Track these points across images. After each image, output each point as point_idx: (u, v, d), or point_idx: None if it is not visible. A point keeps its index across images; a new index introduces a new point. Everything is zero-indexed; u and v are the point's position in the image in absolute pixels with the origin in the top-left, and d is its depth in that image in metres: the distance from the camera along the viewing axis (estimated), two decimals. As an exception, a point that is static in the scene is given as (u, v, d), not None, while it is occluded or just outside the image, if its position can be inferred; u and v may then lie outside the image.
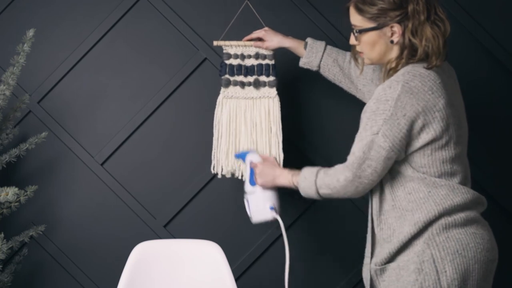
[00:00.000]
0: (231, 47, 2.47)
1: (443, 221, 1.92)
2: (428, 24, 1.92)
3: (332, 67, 2.37)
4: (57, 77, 2.68)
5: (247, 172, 2.34)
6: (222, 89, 2.47)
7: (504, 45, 2.69)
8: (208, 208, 2.69)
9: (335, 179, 2.00)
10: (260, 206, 2.29)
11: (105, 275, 2.68)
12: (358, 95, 2.34)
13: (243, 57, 2.47)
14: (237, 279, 2.63)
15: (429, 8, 1.93)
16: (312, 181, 2.06)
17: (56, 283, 2.70)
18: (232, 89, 2.47)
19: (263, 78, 2.48)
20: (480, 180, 2.63)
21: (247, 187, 2.32)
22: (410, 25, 1.92)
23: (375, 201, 2.03)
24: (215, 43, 2.47)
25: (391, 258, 1.97)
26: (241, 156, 2.39)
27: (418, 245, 1.92)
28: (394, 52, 1.97)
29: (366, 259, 2.07)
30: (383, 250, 1.99)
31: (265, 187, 2.27)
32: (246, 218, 2.68)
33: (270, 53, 2.48)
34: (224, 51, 2.47)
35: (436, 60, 1.91)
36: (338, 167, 2.01)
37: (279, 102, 2.47)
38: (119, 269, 2.35)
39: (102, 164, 2.69)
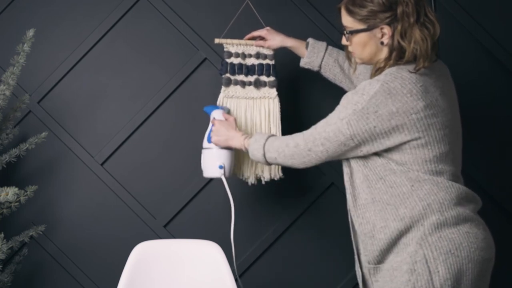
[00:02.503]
0: (232, 45, 2.47)
1: (434, 220, 1.90)
2: (417, 27, 1.93)
3: (333, 67, 2.38)
4: (57, 77, 2.68)
5: (208, 128, 2.37)
6: (223, 88, 2.47)
7: (504, 45, 2.69)
8: (208, 208, 2.69)
9: (284, 143, 2.05)
10: (212, 163, 2.34)
11: (105, 275, 2.68)
12: None
13: (243, 56, 2.47)
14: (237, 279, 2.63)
15: (418, 10, 1.93)
16: (261, 143, 2.11)
17: (56, 283, 2.70)
18: (232, 89, 2.47)
19: (263, 78, 2.48)
20: (479, 180, 2.63)
21: (204, 142, 2.37)
22: (399, 27, 1.93)
23: (349, 196, 2.04)
24: (216, 40, 2.47)
25: (383, 257, 1.97)
26: (208, 110, 2.41)
27: (411, 246, 1.91)
28: (384, 53, 1.98)
29: (355, 256, 2.07)
30: (372, 247, 1.98)
31: (218, 145, 2.31)
32: (246, 218, 2.69)
33: (271, 53, 2.48)
34: (225, 50, 2.47)
35: (423, 63, 1.92)
36: (293, 135, 2.06)
37: (279, 103, 2.47)
38: (119, 269, 2.35)
39: (102, 164, 2.69)
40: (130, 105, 2.69)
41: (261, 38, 2.47)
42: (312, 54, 2.40)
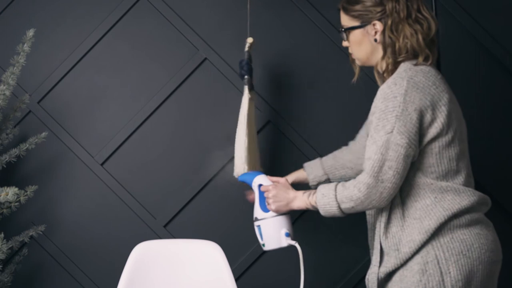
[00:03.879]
0: (249, 46, 2.43)
1: (450, 223, 1.91)
2: (407, 22, 1.95)
3: (334, 162, 2.34)
4: (57, 77, 2.68)
5: (256, 197, 2.22)
6: (248, 91, 2.42)
7: (504, 45, 2.69)
8: (208, 208, 2.69)
9: (356, 189, 1.91)
10: (274, 233, 2.17)
11: (105, 275, 2.68)
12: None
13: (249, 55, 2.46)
14: (237, 279, 2.63)
15: (409, 6, 1.95)
16: (332, 197, 1.96)
17: (56, 283, 2.69)
18: (252, 92, 2.44)
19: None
20: (480, 179, 2.63)
21: (258, 213, 2.20)
22: (389, 22, 1.95)
23: (384, 212, 1.98)
24: (250, 40, 2.41)
25: (400, 265, 1.95)
26: (247, 178, 2.28)
27: (423, 246, 1.91)
28: (379, 52, 2.00)
29: (374, 268, 2.01)
30: (395, 260, 1.95)
31: (279, 212, 2.17)
32: (246, 218, 2.68)
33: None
34: (246, 50, 2.42)
35: (423, 56, 1.94)
36: (357, 177, 1.93)
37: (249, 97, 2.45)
38: (119, 269, 2.34)
39: (102, 164, 2.69)
40: (130, 105, 2.69)
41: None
42: (311, 169, 2.36)
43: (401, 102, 1.87)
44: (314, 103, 2.68)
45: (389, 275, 1.98)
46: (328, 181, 2.36)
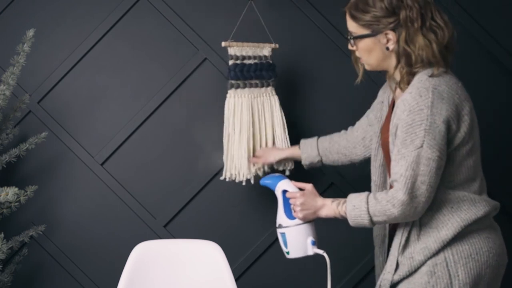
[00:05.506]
0: (236, 48, 2.46)
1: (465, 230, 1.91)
2: (421, 32, 1.88)
3: (329, 145, 2.35)
4: (57, 77, 2.68)
5: (280, 203, 2.15)
6: (232, 90, 2.45)
7: (504, 45, 2.69)
8: (208, 208, 2.69)
9: (390, 204, 1.88)
10: (300, 241, 2.10)
11: (105, 275, 2.68)
12: (366, 154, 2.28)
13: (244, 58, 2.47)
14: (237, 279, 2.63)
15: (424, 14, 1.89)
16: (364, 209, 1.92)
17: (56, 283, 2.70)
18: (240, 91, 2.46)
19: (264, 77, 2.48)
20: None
21: (283, 220, 2.12)
22: (403, 33, 1.88)
23: (404, 229, 1.95)
24: (223, 44, 2.45)
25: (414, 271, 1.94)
26: (270, 183, 2.20)
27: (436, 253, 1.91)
28: (392, 60, 1.94)
29: (387, 275, 1.97)
30: (405, 267, 1.94)
31: (306, 220, 2.10)
32: (246, 218, 2.69)
33: (269, 53, 2.48)
34: (229, 53, 2.46)
35: (438, 66, 1.88)
36: (390, 192, 1.89)
37: (278, 100, 2.49)
38: (119, 269, 2.35)
39: (102, 164, 2.69)
40: (130, 105, 2.69)
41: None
42: (306, 149, 2.37)
43: (428, 115, 1.83)
44: (314, 103, 2.68)
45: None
46: (320, 163, 2.36)
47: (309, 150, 2.37)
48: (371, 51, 1.96)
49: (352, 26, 1.97)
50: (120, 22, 2.68)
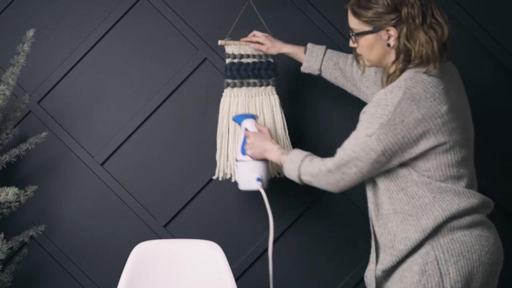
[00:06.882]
0: (234, 46, 2.47)
1: (451, 225, 1.91)
2: (422, 29, 1.90)
3: (333, 70, 2.38)
4: (57, 77, 2.68)
5: (240, 139, 2.34)
6: (228, 89, 2.46)
7: (504, 45, 2.69)
8: (208, 208, 2.69)
9: (317, 168, 2.02)
10: (248, 176, 2.31)
11: (105, 275, 2.68)
12: (362, 97, 2.34)
13: (242, 56, 2.47)
14: (237, 279, 2.64)
15: (424, 12, 1.90)
16: (297, 165, 2.07)
17: (56, 283, 2.70)
18: (236, 90, 2.47)
19: (263, 76, 2.48)
20: (480, 180, 2.62)
21: (238, 154, 2.34)
22: (404, 29, 1.90)
23: (371, 206, 2.02)
24: (219, 42, 2.46)
25: (398, 265, 1.95)
26: (238, 120, 2.38)
27: (422, 247, 1.91)
28: (392, 55, 1.96)
29: (371, 265, 2.03)
30: (390, 257, 1.96)
31: (254, 158, 2.29)
32: (246, 218, 2.69)
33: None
34: (227, 52, 2.47)
35: (435, 64, 1.90)
36: (326, 159, 2.01)
37: (279, 99, 2.49)
38: (119, 269, 2.35)
39: (102, 164, 2.69)
40: (130, 105, 2.69)
41: (258, 42, 2.47)
42: (311, 58, 2.40)
43: (390, 112, 1.86)
44: (314, 103, 2.68)
45: (388, 274, 1.98)
46: (318, 75, 2.42)
47: (312, 61, 2.41)
48: (372, 47, 1.97)
49: (354, 23, 1.98)
50: (120, 22, 2.68)
